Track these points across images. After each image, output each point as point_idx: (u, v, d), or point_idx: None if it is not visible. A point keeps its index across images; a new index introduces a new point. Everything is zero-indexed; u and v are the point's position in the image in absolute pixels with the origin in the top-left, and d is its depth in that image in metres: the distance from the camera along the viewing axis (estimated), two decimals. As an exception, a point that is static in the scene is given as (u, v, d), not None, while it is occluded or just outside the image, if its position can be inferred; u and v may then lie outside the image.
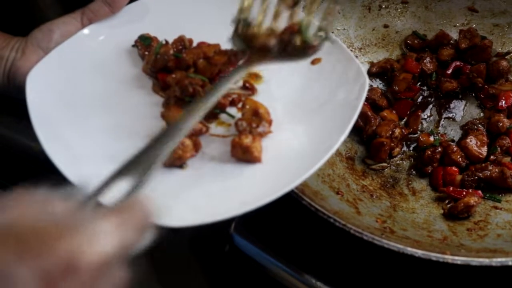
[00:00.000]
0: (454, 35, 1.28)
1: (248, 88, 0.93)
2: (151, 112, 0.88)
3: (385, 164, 1.16)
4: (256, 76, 0.95)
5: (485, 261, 0.87)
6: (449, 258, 0.87)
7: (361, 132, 1.18)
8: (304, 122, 0.89)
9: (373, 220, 1.02)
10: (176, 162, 0.81)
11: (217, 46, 0.92)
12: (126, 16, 0.95)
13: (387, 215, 1.06)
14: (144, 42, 0.93)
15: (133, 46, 0.95)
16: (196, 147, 0.83)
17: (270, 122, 0.87)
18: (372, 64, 1.27)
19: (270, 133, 0.86)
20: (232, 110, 0.91)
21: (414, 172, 1.15)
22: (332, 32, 1.13)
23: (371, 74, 1.26)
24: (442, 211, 1.08)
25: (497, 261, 0.87)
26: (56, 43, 0.91)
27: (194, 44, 0.95)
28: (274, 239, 1.00)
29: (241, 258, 1.00)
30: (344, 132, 0.85)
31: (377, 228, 0.99)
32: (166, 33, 0.94)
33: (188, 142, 0.81)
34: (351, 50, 1.29)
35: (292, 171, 0.80)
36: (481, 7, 1.29)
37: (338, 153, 1.15)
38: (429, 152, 1.13)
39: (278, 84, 0.94)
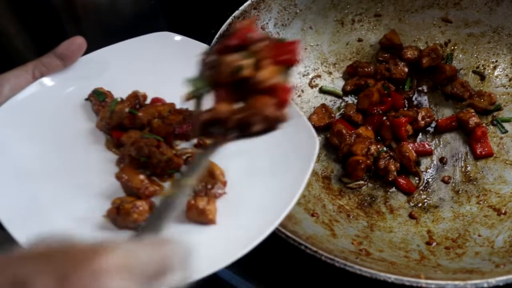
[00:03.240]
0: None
1: (202, 146, 0.91)
2: (106, 169, 0.85)
3: (362, 182, 1.14)
4: None
5: (459, 284, 0.85)
6: (423, 282, 0.85)
7: (337, 150, 1.17)
8: (257, 182, 0.86)
9: (348, 242, 1.00)
10: (130, 225, 0.78)
11: (172, 105, 0.90)
12: (79, 69, 0.92)
13: (364, 235, 1.04)
14: (98, 98, 0.91)
15: (86, 100, 0.92)
16: (151, 209, 0.80)
17: (224, 184, 0.86)
18: (346, 82, 1.26)
19: (224, 195, 0.85)
20: None
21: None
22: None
23: (346, 92, 1.25)
24: (420, 229, 1.07)
25: (472, 283, 0.85)
26: (6, 97, 0.86)
27: (149, 99, 0.93)
28: (248, 263, 0.99)
29: (213, 281, 0.98)
30: (297, 192, 0.82)
31: (352, 251, 0.97)
32: (120, 87, 0.92)
33: (143, 204, 0.79)
34: (325, 66, 1.28)
35: (246, 234, 0.78)
36: (455, 17, 1.27)
37: (314, 172, 1.14)
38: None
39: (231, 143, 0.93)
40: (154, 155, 0.84)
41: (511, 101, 1.22)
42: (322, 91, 1.26)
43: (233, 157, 0.88)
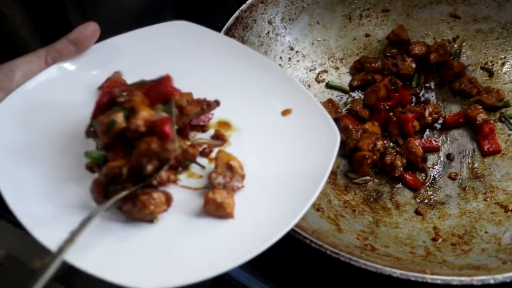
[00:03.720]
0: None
1: (219, 138, 0.89)
2: None
3: (368, 178, 1.14)
4: (227, 125, 0.91)
5: (466, 280, 0.84)
6: (428, 277, 0.85)
7: (343, 145, 1.16)
8: (275, 177, 0.84)
9: (354, 237, 1.00)
10: (147, 217, 0.77)
11: (189, 95, 0.87)
12: (92, 56, 0.91)
13: (369, 231, 1.03)
14: None
15: (99, 88, 0.90)
16: (168, 201, 0.79)
17: (243, 177, 0.84)
18: (353, 77, 1.25)
19: (242, 188, 0.83)
20: (203, 161, 0.87)
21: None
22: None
23: (353, 87, 1.25)
24: (426, 225, 1.06)
25: (478, 279, 0.84)
26: (18, 83, 0.85)
27: None
28: (259, 262, 0.98)
29: (223, 280, 0.98)
30: (317, 188, 0.80)
31: (357, 246, 0.96)
32: (134, 75, 0.89)
33: (160, 196, 0.77)
34: (332, 61, 1.27)
35: (264, 230, 0.76)
36: (464, 13, 1.27)
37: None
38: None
39: (249, 135, 0.90)
40: None
41: (519, 98, 1.21)
42: (329, 86, 1.25)
43: (252, 151, 0.87)
